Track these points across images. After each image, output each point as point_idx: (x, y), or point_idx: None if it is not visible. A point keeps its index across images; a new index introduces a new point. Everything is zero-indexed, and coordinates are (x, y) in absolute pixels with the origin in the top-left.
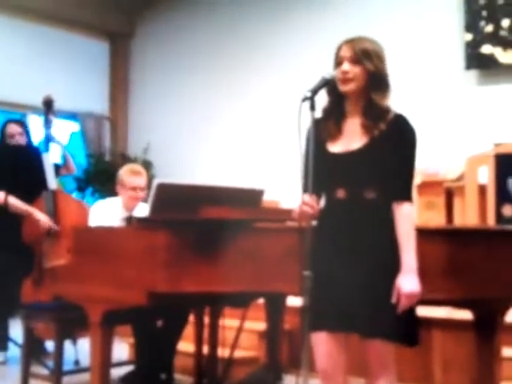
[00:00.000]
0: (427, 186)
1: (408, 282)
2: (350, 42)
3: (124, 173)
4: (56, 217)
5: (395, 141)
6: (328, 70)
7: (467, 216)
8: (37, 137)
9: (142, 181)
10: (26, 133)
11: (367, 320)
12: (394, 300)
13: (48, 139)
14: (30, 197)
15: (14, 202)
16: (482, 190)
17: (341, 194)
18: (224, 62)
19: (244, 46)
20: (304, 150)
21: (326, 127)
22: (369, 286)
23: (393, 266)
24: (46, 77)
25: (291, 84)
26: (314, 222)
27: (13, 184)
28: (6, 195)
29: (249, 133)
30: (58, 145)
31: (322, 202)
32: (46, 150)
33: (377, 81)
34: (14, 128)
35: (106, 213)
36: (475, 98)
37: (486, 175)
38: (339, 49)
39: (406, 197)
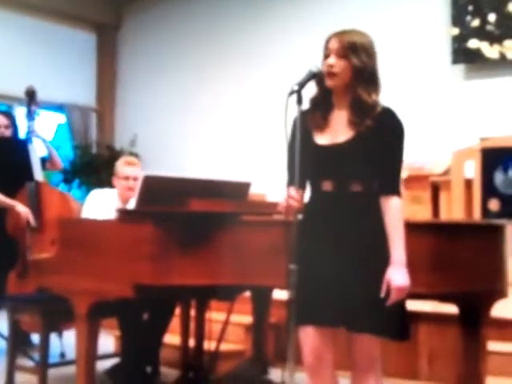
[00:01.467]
0: (413, 180)
1: (398, 275)
2: (339, 34)
3: (119, 163)
4: (39, 209)
5: (383, 134)
6: (315, 63)
7: (453, 210)
8: (21, 128)
9: (134, 171)
10: (13, 125)
11: (356, 314)
12: (383, 294)
13: (30, 131)
14: (14, 188)
15: None
16: (468, 184)
17: (327, 186)
18: (211, 54)
19: (231, 38)
20: (289, 141)
21: (313, 118)
22: (356, 280)
23: (380, 260)
24: (32, 68)
25: (279, 77)
26: (300, 216)
27: None
28: None
29: (236, 126)
30: (41, 140)
31: (308, 194)
32: (29, 141)
33: (363, 76)
34: (0, 119)
35: (101, 203)
36: (462, 92)
37: (472, 169)
38: (328, 41)
39: (395, 190)
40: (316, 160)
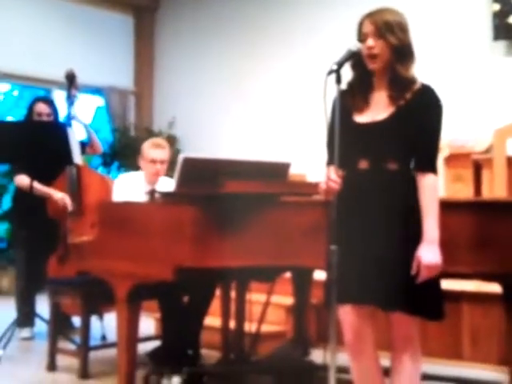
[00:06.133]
0: (455, 159)
1: (428, 253)
2: (371, 15)
3: (146, 145)
4: (79, 193)
5: (421, 112)
6: (354, 43)
7: (495, 188)
8: (61, 112)
9: (161, 154)
10: (54, 111)
11: (389, 293)
12: (413, 271)
13: (70, 115)
14: (53, 172)
15: (37, 186)
16: (510, 161)
17: (363, 164)
18: (251, 34)
19: (271, 17)
20: (329, 122)
21: (352, 99)
22: (392, 259)
23: (416, 238)
24: (70, 51)
25: (317, 56)
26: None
27: (37, 160)
28: (31, 180)
29: (275, 106)
30: (82, 125)
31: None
32: (69, 124)
33: (401, 53)
34: (42, 107)
35: (129, 186)
36: (503, 68)
37: None
38: (361, 24)
39: (431, 168)
40: (354, 138)
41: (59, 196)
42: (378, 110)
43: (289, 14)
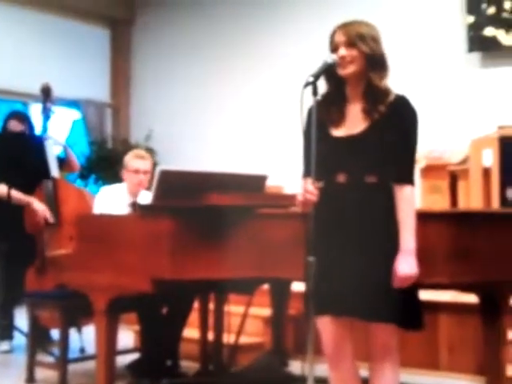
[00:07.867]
0: (431, 170)
1: (405, 264)
2: (344, 26)
3: (128, 157)
4: (56, 205)
5: (396, 123)
6: (329, 54)
7: (472, 199)
8: (37, 126)
9: (144, 164)
10: (29, 125)
11: (369, 304)
12: (394, 283)
13: (46, 132)
14: (31, 185)
15: (15, 194)
16: (487, 172)
17: (341, 178)
18: (226, 48)
19: (246, 32)
20: (304, 133)
21: (328, 112)
22: (370, 271)
23: (393, 250)
24: (47, 65)
25: (294, 69)
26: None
27: (14, 172)
28: (9, 189)
29: (252, 119)
30: (58, 145)
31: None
32: (45, 138)
33: (374, 62)
34: (14, 125)
35: (111, 199)
36: (478, 80)
37: (490, 158)
38: (333, 34)
39: (408, 179)
40: (331, 152)
41: (41, 208)
42: (354, 123)
43: (266, 28)
